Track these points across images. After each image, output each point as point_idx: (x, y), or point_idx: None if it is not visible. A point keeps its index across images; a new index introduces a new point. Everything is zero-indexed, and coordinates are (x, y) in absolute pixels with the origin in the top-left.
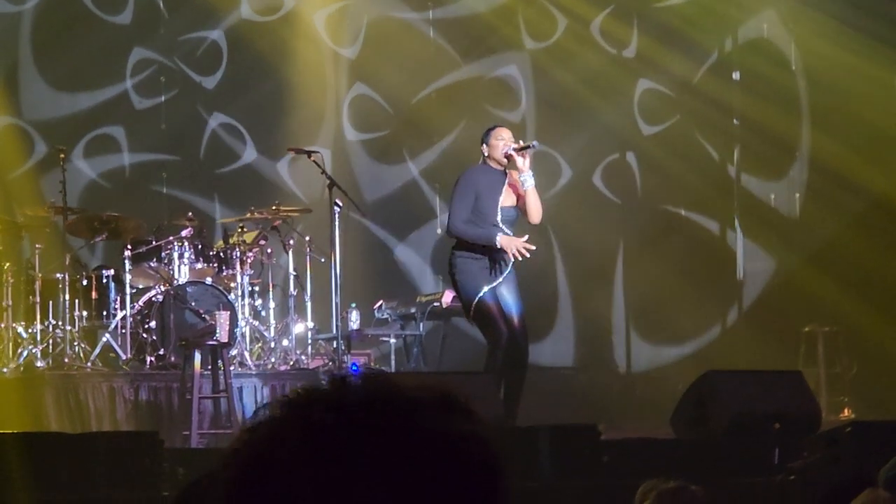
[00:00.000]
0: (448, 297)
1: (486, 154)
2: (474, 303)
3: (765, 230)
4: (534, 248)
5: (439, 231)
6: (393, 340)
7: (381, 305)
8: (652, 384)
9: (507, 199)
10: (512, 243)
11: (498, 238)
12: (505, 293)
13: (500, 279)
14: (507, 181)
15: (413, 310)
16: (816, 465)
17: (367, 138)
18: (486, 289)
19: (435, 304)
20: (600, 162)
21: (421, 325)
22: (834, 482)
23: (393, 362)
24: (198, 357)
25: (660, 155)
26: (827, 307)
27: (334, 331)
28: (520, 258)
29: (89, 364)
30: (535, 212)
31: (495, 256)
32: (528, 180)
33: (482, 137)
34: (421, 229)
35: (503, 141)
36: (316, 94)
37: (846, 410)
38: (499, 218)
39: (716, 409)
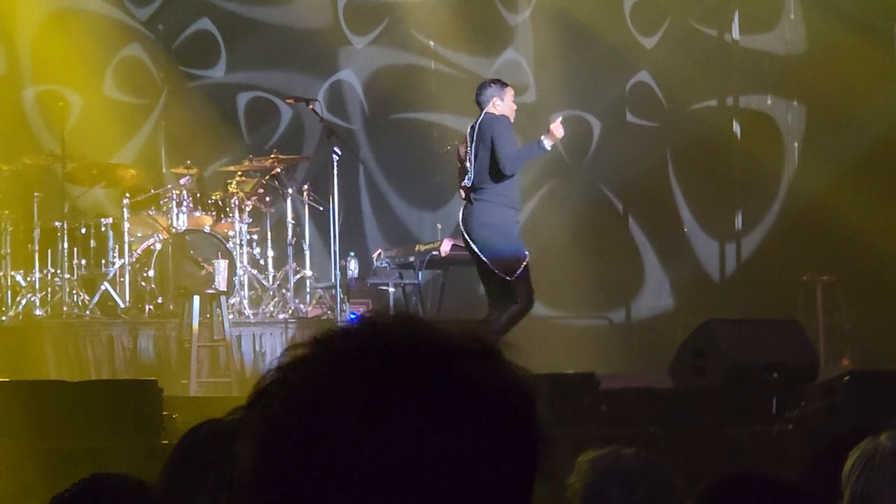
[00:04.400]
0: (447, 245)
1: (497, 106)
2: (525, 262)
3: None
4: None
5: (467, 182)
6: (392, 289)
7: (379, 254)
8: (651, 333)
9: None
10: (556, 134)
11: (544, 143)
12: None
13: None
14: None
15: (412, 259)
16: (814, 414)
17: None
18: (525, 247)
19: (434, 252)
20: (622, 96)
21: (420, 274)
22: (832, 432)
23: (392, 312)
24: (196, 305)
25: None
26: (826, 256)
27: (333, 279)
28: (561, 135)
29: (88, 312)
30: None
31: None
32: (548, 147)
33: (491, 90)
34: (420, 178)
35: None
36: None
37: (844, 360)
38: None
39: (714, 358)
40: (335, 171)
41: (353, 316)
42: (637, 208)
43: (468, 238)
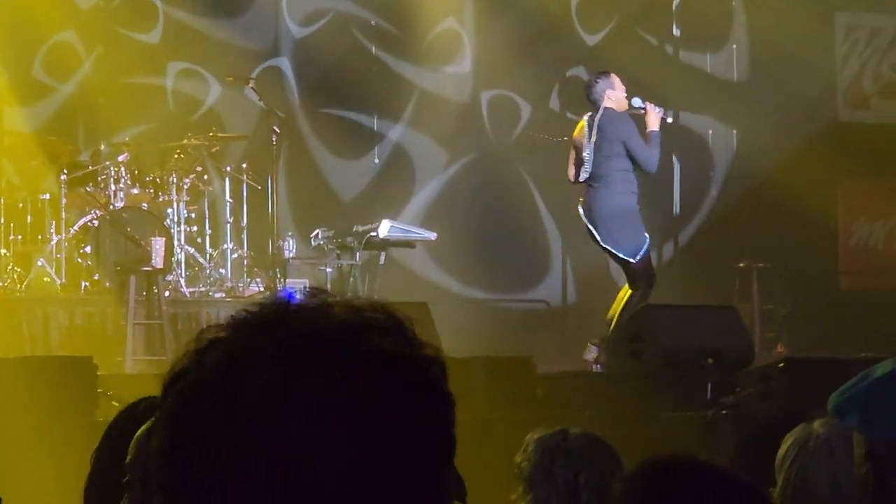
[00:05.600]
0: (385, 226)
1: (612, 98)
2: (646, 247)
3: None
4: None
5: (584, 174)
6: (329, 270)
7: (317, 234)
8: (588, 317)
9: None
10: (655, 112)
11: (657, 131)
12: None
13: None
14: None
15: (350, 239)
16: (749, 400)
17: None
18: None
19: (372, 234)
20: (552, 85)
21: (357, 254)
22: (766, 418)
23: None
24: (133, 283)
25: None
26: (762, 243)
27: (270, 258)
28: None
29: (23, 288)
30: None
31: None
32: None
33: (601, 84)
34: (361, 158)
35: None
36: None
37: (779, 346)
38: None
39: (650, 343)
40: (273, 151)
41: (289, 295)
42: (561, 196)
43: (590, 226)
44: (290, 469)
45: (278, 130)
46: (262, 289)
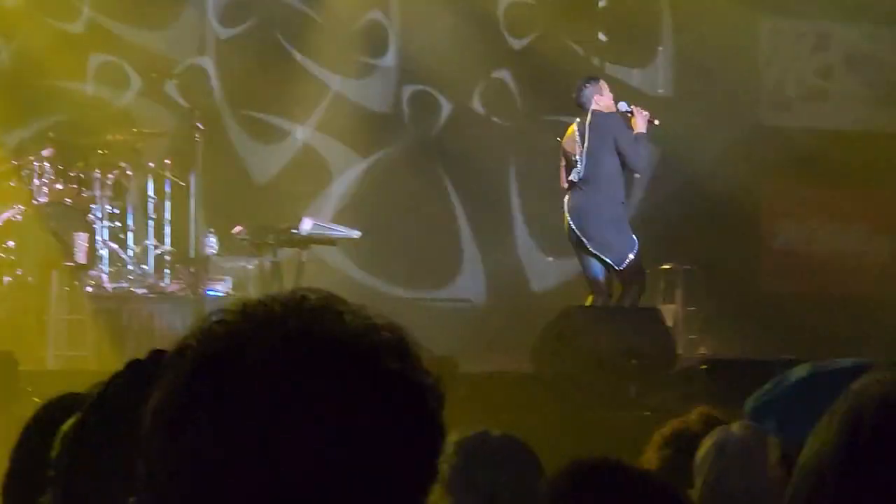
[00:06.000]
0: (307, 224)
1: (600, 103)
2: (634, 252)
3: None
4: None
5: (575, 177)
6: (251, 267)
7: (239, 231)
8: (513, 317)
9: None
10: (641, 116)
11: (644, 133)
12: None
13: None
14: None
15: (272, 237)
16: (671, 401)
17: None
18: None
19: (294, 231)
20: (476, 86)
21: (278, 252)
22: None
23: (251, 289)
24: (55, 278)
25: (533, 67)
26: (686, 245)
27: (192, 255)
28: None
29: None
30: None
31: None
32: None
33: (589, 90)
34: (282, 156)
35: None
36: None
37: (702, 348)
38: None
39: (574, 344)
40: (196, 148)
41: (210, 292)
42: (476, 195)
43: (577, 230)
44: (274, 462)
45: (201, 127)
46: (184, 286)
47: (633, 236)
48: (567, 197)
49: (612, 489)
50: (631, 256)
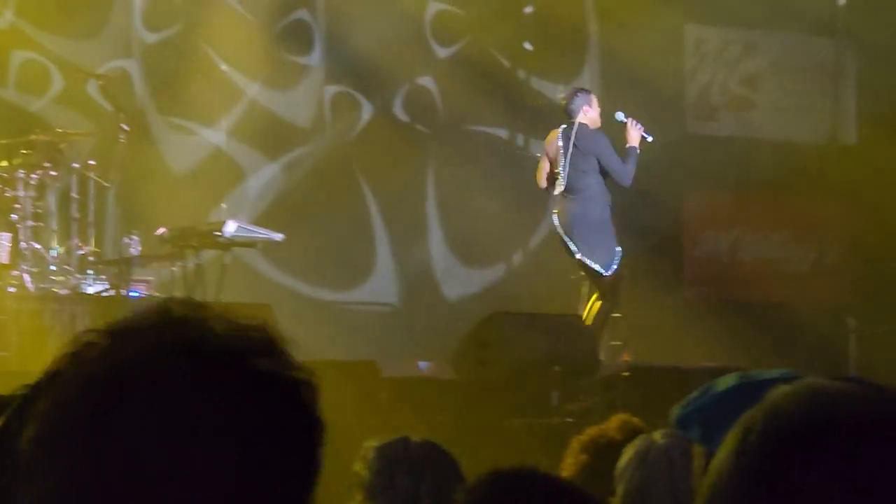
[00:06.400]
0: (231, 226)
1: (587, 114)
2: (619, 259)
3: None
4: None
5: (560, 187)
6: (174, 268)
7: (163, 233)
8: (436, 322)
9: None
10: (636, 129)
11: (636, 147)
12: None
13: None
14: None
15: (195, 239)
16: (594, 408)
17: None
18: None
19: (216, 233)
20: (398, 91)
21: (202, 253)
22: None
23: (174, 291)
24: None
25: (457, 76)
26: None
27: (115, 256)
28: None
29: None
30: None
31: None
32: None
33: (580, 99)
34: (204, 159)
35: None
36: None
37: (624, 355)
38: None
39: (497, 350)
40: (120, 148)
41: (133, 293)
42: (392, 198)
43: (566, 237)
44: (156, 481)
45: (126, 129)
46: (107, 286)
47: (618, 248)
48: (554, 202)
49: (530, 498)
50: (613, 267)
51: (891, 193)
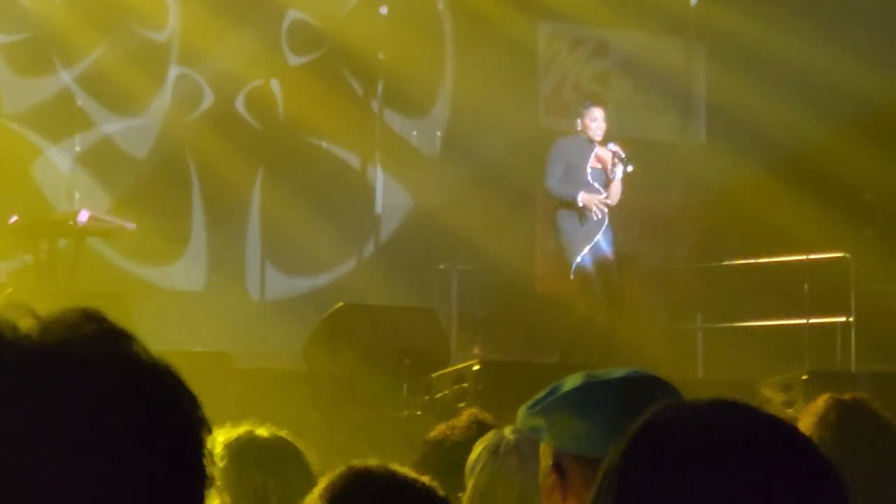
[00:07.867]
0: (84, 215)
1: (579, 127)
2: (574, 267)
3: (405, 167)
4: (611, 202)
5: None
6: (27, 257)
7: (15, 220)
8: (287, 313)
9: (595, 163)
10: (592, 200)
11: (580, 196)
12: (602, 244)
13: (599, 235)
14: (595, 150)
15: (48, 226)
16: (443, 401)
17: (7, 42)
18: (585, 250)
19: (70, 223)
20: (243, 88)
21: (57, 242)
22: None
23: (27, 280)
24: None
25: (305, 86)
26: (462, 246)
27: None
28: (599, 214)
29: None
30: (615, 195)
31: (588, 214)
32: (618, 173)
33: (582, 110)
34: (65, 141)
35: (596, 122)
36: None
37: (476, 348)
38: (589, 178)
39: (348, 342)
40: None
41: None
42: (219, 188)
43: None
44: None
45: None
46: None
47: (577, 251)
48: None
49: (378, 496)
50: (573, 271)
51: (738, 191)
